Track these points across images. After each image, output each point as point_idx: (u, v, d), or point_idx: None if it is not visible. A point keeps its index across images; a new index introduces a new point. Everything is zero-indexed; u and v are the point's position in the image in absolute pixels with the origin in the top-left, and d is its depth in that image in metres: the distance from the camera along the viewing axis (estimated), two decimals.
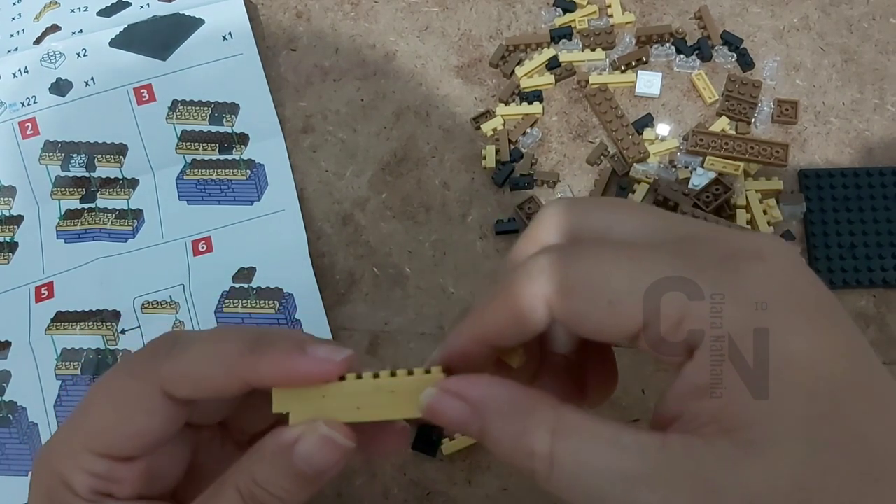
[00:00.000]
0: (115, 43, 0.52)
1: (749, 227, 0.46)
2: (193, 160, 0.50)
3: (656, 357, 0.23)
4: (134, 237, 0.48)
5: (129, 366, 0.29)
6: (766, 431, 0.20)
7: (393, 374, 0.27)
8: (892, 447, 0.21)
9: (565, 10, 0.52)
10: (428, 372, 0.26)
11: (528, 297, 0.23)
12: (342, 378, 0.27)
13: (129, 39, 0.52)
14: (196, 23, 0.52)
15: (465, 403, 0.24)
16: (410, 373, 0.27)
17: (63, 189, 0.49)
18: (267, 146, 0.50)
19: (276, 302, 0.46)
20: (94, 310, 0.46)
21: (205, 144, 0.50)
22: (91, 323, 0.45)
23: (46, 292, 0.47)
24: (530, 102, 0.50)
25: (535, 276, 0.23)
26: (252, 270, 0.47)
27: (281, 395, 0.27)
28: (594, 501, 0.22)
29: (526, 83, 0.50)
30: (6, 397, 0.45)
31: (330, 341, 0.29)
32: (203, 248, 0.48)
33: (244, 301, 0.46)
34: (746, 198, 0.46)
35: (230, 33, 0.52)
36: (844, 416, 0.21)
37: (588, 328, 0.23)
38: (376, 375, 0.27)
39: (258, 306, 0.46)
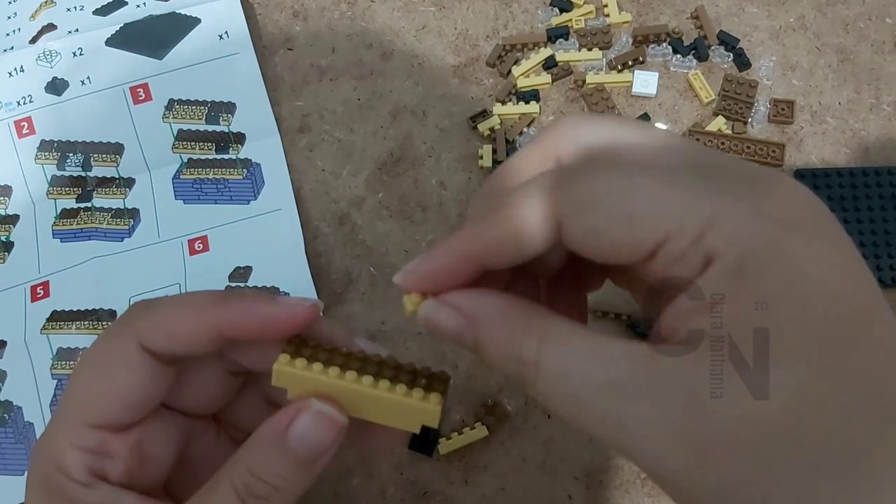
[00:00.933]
0: (111, 42, 0.52)
1: None
2: (190, 159, 0.50)
3: (662, 283, 0.22)
4: (130, 236, 0.48)
5: (108, 330, 0.30)
6: (776, 344, 0.19)
7: (393, 383, 0.26)
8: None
9: (562, 10, 0.52)
10: (426, 393, 0.26)
11: (538, 212, 0.22)
12: (343, 371, 0.27)
13: (125, 38, 0.52)
14: (192, 22, 0.52)
15: (461, 314, 0.24)
16: (411, 386, 0.26)
17: (59, 188, 0.49)
18: (263, 145, 0.50)
19: None
20: (90, 309, 0.46)
21: (201, 144, 0.50)
22: (87, 322, 0.45)
23: (42, 292, 0.47)
24: (527, 102, 0.50)
25: (548, 191, 0.22)
26: (248, 270, 0.47)
27: (280, 374, 0.27)
28: (577, 409, 0.21)
29: (523, 83, 0.50)
30: (2, 397, 0.45)
31: (300, 297, 0.29)
32: (199, 247, 0.48)
33: None
34: None
35: (226, 32, 0.52)
36: (851, 347, 0.20)
37: (603, 246, 0.22)
38: (377, 376, 0.27)
39: None
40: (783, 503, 0.19)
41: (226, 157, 0.50)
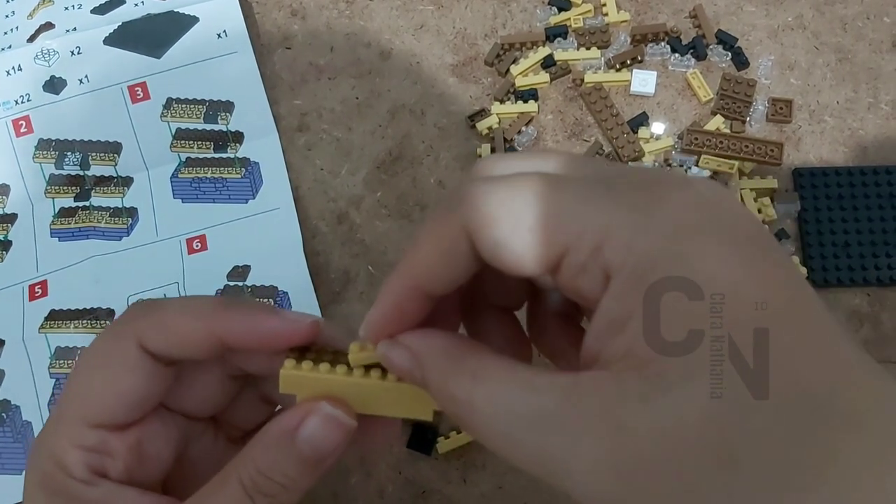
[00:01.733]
0: (109, 41, 0.52)
1: None
2: (188, 158, 0.50)
3: (574, 295, 0.22)
4: (128, 235, 0.48)
5: (108, 329, 0.30)
6: (676, 364, 0.19)
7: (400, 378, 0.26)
8: (824, 383, 0.19)
9: (560, 9, 0.52)
10: None
11: (454, 230, 0.23)
12: (350, 370, 0.27)
13: (123, 37, 0.52)
14: (190, 21, 0.52)
15: (409, 353, 0.24)
16: None
17: (57, 187, 0.49)
18: (262, 144, 0.50)
19: (270, 300, 0.46)
20: (88, 308, 0.46)
21: (199, 143, 0.50)
22: (85, 321, 0.45)
23: (40, 290, 0.47)
24: (525, 101, 0.50)
25: (456, 207, 0.23)
26: (247, 268, 0.47)
27: (288, 379, 0.27)
28: (509, 445, 0.21)
29: (521, 82, 0.50)
30: (0, 396, 0.45)
31: (301, 312, 0.30)
32: (197, 246, 0.47)
33: None
34: (741, 196, 0.46)
35: (225, 31, 0.52)
36: (771, 349, 0.19)
37: (509, 258, 0.22)
38: (384, 370, 0.27)
39: None
40: None
41: (224, 155, 0.50)
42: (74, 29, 0.52)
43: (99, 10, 0.53)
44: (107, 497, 0.28)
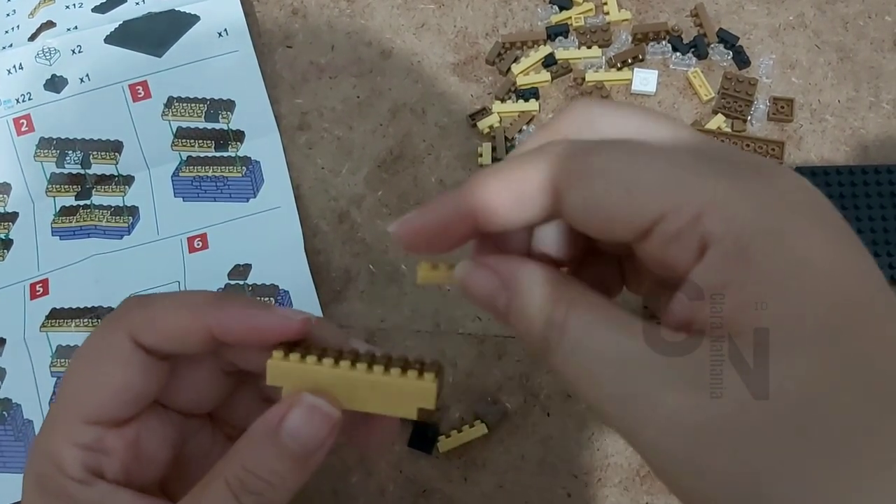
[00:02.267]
0: (110, 39, 0.52)
1: None
2: (189, 157, 0.50)
3: (659, 264, 0.22)
4: (129, 234, 0.48)
5: (101, 325, 0.30)
6: (776, 336, 0.19)
7: (387, 369, 0.27)
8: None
9: (561, 8, 0.52)
10: (421, 376, 0.26)
11: (538, 177, 0.22)
12: (337, 362, 0.27)
13: (124, 36, 0.52)
14: (191, 19, 0.52)
15: (497, 276, 0.24)
16: (405, 371, 0.27)
17: (58, 186, 0.49)
18: (263, 143, 0.50)
19: (271, 299, 0.46)
20: (89, 307, 0.46)
21: (200, 141, 0.50)
22: (86, 320, 0.45)
23: (41, 289, 0.47)
24: (526, 100, 0.50)
25: (550, 158, 0.22)
26: (248, 267, 0.47)
27: (275, 370, 0.27)
28: (592, 381, 0.21)
29: (522, 80, 0.50)
30: (1, 394, 0.45)
31: (293, 309, 0.30)
32: (198, 244, 0.47)
33: None
34: None
35: (226, 30, 0.52)
36: (853, 334, 0.19)
37: (599, 218, 0.22)
38: (371, 365, 0.27)
39: None
40: (786, 493, 0.19)
41: (225, 154, 0.50)
42: (75, 27, 0.52)
43: (100, 9, 0.53)
44: (103, 498, 0.28)
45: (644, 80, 0.50)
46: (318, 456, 0.27)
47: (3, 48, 0.52)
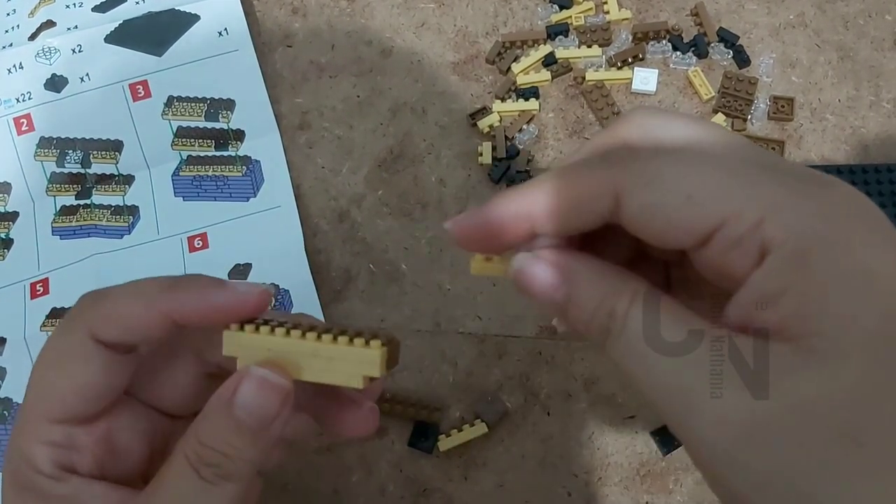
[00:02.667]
0: (110, 39, 0.52)
1: None
2: (189, 156, 0.50)
3: (716, 271, 0.22)
4: (129, 233, 0.48)
5: (60, 325, 0.30)
6: (831, 342, 0.20)
7: (335, 339, 0.27)
8: None
9: (562, 7, 0.52)
10: (367, 344, 0.26)
11: (599, 182, 0.23)
12: (289, 333, 0.27)
13: (124, 35, 0.52)
14: (192, 19, 0.52)
15: (556, 269, 0.24)
16: (353, 340, 0.27)
17: (58, 185, 0.49)
18: (263, 143, 0.50)
19: (271, 299, 0.46)
20: None
21: (200, 141, 0.50)
22: None
23: (42, 289, 0.47)
24: (526, 99, 0.50)
25: (610, 164, 0.23)
26: (248, 267, 0.47)
27: (231, 340, 0.27)
28: (645, 371, 0.22)
29: (522, 80, 0.50)
30: (2, 394, 0.45)
31: (250, 282, 0.30)
32: (199, 244, 0.48)
33: None
34: None
35: (226, 29, 0.52)
36: None
37: (659, 225, 0.22)
38: (320, 336, 0.27)
39: None
40: (830, 497, 0.19)
41: (225, 154, 0.50)
42: (76, 27, 0.52)
43: (100, 8, 0.53)
44: (76, 492, 0.28)
45: (644, 79, 0.50)
46: (275, 428, 0.27)
47: (3, 48, 0.52)
